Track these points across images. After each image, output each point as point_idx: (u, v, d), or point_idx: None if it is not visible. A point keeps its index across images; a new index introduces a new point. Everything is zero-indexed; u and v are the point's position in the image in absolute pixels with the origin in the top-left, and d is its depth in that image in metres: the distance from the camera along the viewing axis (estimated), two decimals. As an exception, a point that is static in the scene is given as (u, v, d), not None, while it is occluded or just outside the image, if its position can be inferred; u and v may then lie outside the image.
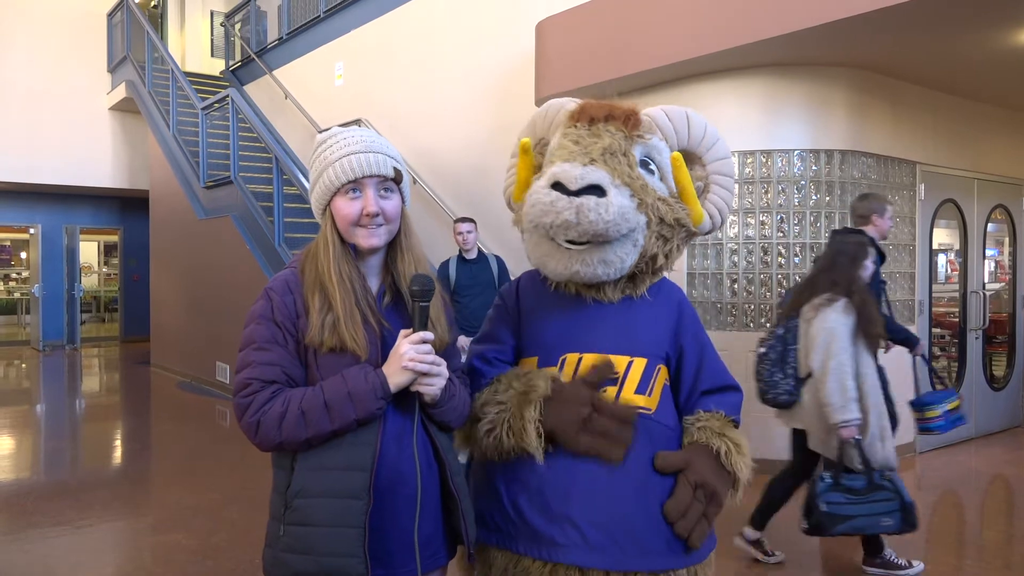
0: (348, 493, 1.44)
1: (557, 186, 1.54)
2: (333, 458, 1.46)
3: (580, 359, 1.65)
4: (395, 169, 1.55)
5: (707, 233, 1.75)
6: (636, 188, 1.59)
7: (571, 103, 1.77)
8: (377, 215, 1.52)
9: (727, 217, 1.76)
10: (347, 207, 1.52)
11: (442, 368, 1.50)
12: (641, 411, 1.62)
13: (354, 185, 1.52)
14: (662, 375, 1.69)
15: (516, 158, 1.78)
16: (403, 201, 1.60)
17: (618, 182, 1.56)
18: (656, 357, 1.68)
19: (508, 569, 1.64)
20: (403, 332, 1.50)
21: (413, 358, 1.46)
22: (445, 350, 1.61)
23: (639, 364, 1.65)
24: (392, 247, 1.60)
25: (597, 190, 1.53)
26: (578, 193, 1.52)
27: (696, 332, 1.76)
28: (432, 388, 1.50)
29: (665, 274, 1.79)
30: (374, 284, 1.60)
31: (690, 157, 1.75)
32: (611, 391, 1.63)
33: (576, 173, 1.54)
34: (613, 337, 1.66)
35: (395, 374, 1.47)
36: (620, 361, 1.65)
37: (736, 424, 1.72)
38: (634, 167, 1.62)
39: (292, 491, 1.47)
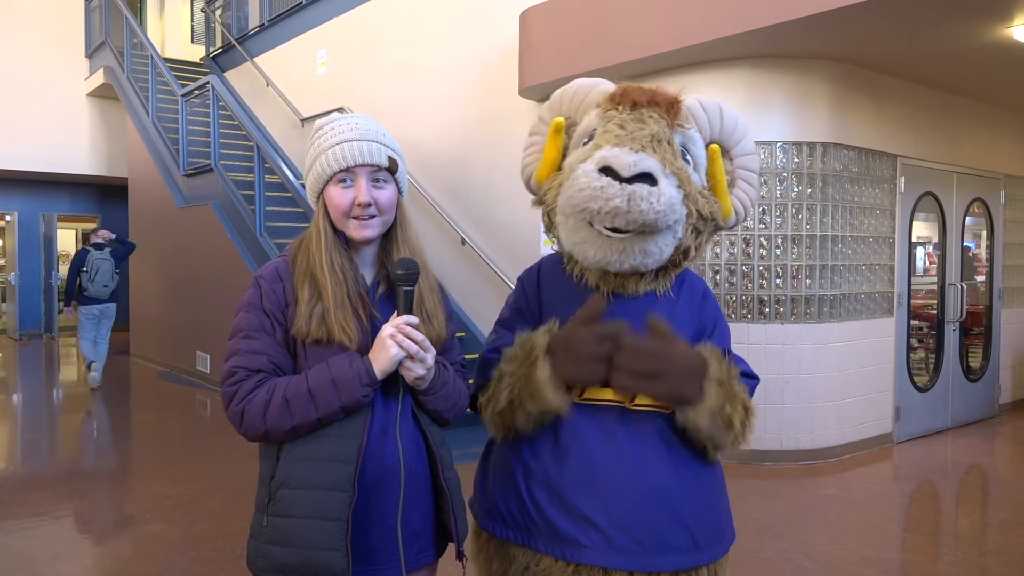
0: (332, 485, 1.41)
1: (607, 171, 1.47)
2: (318, 449, 1.44)
3: None
4: (390, 159, 1.52)
5: (731, 228, 1.70)
6: (683, 178, 1.54)
7: (604, 84, 1.71)
8: (369, 205, 1.49)
9: (750, 213, 1.72)
10: (339, 196, 1.50)
11: (427, 355, 1.47)
12: (658, 409, 1.58)
13: (346, 174, 1.50)
14: None
15: (537, 136, 1.72)
16: (400, 192, 1.57)
17: (668, 171, 1.51)
18: None
19: (530, 567, 1.60)
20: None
21: (393, 334, 1.43)
22: (443, 343, 1.59)
23: None
24: (388, 239, 1.58)
25: (648, 178, 1.47)
26: (630, 180, 1.46)
27: (715, 319, 1.71)
28: (412, 373, 1.46)
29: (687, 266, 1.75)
30: (368, 275, 1.58)
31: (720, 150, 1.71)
32: None
33: (629, 160, 1.47)
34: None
35: (379, 359, 1.44)
36: None
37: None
38: (678, 157, 1.57)
39: (276, 482, 1.45)
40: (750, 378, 1.68)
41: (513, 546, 1.64)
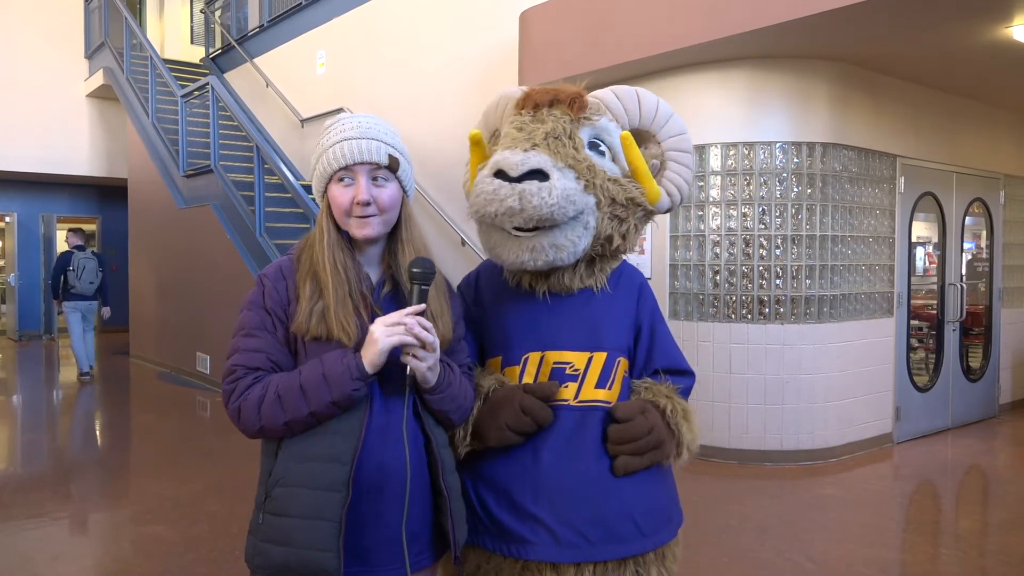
0: (326, 485, 1.41)
1: (500, 174, 1.54)
2: (314, 448, 1.43)
3: (543, 357, 1.66)
4: (390, 157, 1.52)
5: (667, 211, 1.74)
6: (581, 170, 1.58)
7: (519, 92, 1.76)
8: (368, 204, 1.49)
9: (686, 193, 1.75)
10: (340, 195, 1.51)
11: (430, 336, 1.44)
12: (601, 404, 1.64)
13: (346, 172, 1.50)
14: (622, 367, 1.69)
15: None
16: (405, 191, 1.57)
17: (561, 165, 1.56)
18: (617, 350, 1.68)
19: (481, 566, 1.66)
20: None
21: (388, 324, 1.41)
22: (451, 345, 1.59)
23: (599, 359, 1.65)
24: (392, 238, 1.58)
25: (539, 174, 1.52)
26: (520, 179, 1.52)
27: (651, 313, 1.76)
28: (421, 365, 1.43)
29: (626, 257, 1.80)
30: (374, 275, 1.58)
31: (644, 135, 1.74)
32: (572, 387, 1.64)
33: (517, 159, 1.53)
34: (573, 333, 1.66)
35: (368, 353, 1.42)
36: (581, 357, 1.65)
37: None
38: (580, 149, 1.62)
39: (273, 479, 1.45)
40: (686, 376, 1.76)
41: (466, 547, 1.67)
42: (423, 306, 1.46)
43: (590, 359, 1.64)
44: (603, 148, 1.67)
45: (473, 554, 1.66)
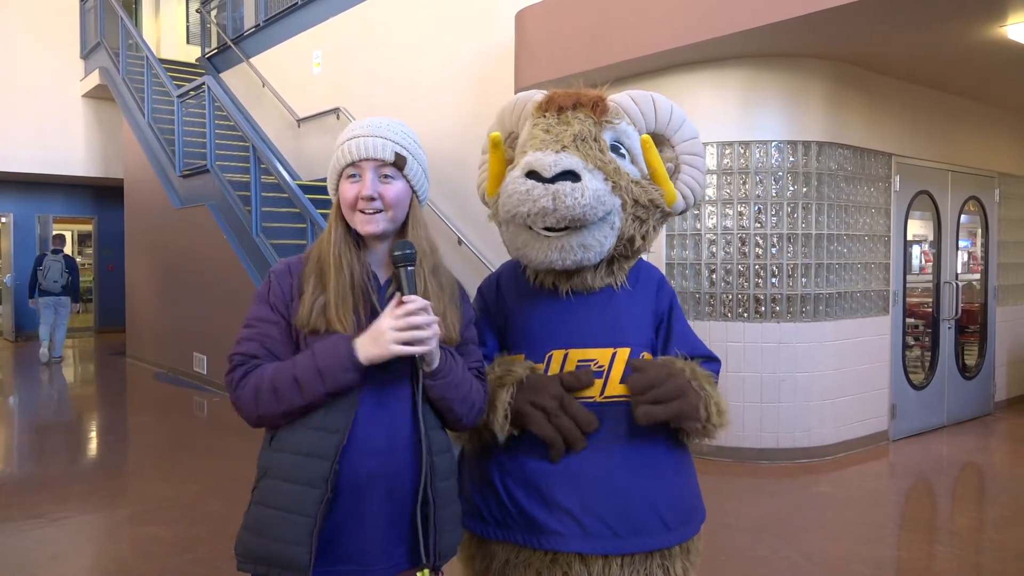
0: (305, 480, 1.43)
1: (532, 174, 1.57)
2: (300, 442, 1.45)
3: (566, 355, 1.68)
4: (396, 154, 1.53)
5: (681, 212, 1.78)
6: (609, 171, 1.62)
7: (538, 95, 1.79)
8: (373, 199, 1.51)
9: (700, 195, 1.79)
10: (347, 190, 1.54)
11: (432, 326, 1.45)
12: (626, 399, 1.65)
13: (354, 168, 1.53)
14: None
15: (487, 154, 1.80)
16: (415, 192, 1.58)
17: (591, 166, 1.59)
18: (640, 345, 1.71)
19: (510, 560, 1.67)
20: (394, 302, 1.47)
21: (397, 338, 1.42)
22: (459, 348, 1.59)
23: (623, 354, 1.68)
24: (399, 238, 1.58)
25: (571, 175, 1.56)
26: (553, 180, 1.55)
27: (671, 306, 1.79)
28: (425, 348, 1.44)
29: (644, 256, 1.83)
30: (382, 274, 1.59)
31: (659, 139, 1.78)
32: (598, 384, 1.65)
33: (549, 160, 1.56)
34: (596, 330, 1.69)
35: (369, 351, 1.43)
36: (604, 354, 1.67)
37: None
38: (605, 151, 1.65)
39: (261, 470, 1.49)
40: (712, 361, 1.77)
41: (494, 543, 1.69)
42: (416, 298, 1.45)
43: (614, 355, 1.67)
44: (623, 151, 1.70)
45: (502, 549, 1.68)
